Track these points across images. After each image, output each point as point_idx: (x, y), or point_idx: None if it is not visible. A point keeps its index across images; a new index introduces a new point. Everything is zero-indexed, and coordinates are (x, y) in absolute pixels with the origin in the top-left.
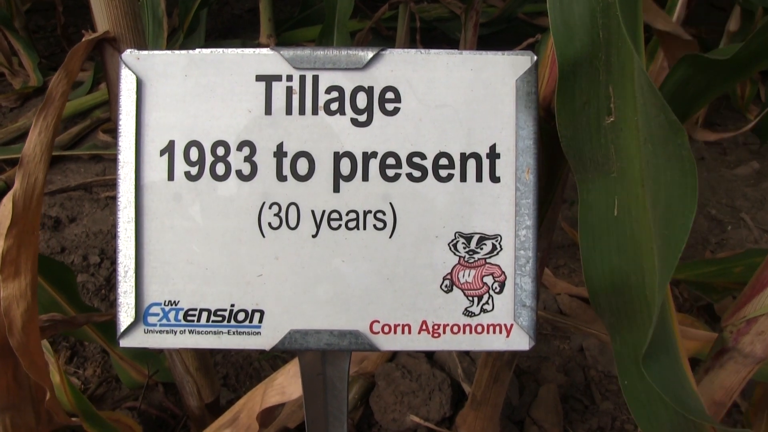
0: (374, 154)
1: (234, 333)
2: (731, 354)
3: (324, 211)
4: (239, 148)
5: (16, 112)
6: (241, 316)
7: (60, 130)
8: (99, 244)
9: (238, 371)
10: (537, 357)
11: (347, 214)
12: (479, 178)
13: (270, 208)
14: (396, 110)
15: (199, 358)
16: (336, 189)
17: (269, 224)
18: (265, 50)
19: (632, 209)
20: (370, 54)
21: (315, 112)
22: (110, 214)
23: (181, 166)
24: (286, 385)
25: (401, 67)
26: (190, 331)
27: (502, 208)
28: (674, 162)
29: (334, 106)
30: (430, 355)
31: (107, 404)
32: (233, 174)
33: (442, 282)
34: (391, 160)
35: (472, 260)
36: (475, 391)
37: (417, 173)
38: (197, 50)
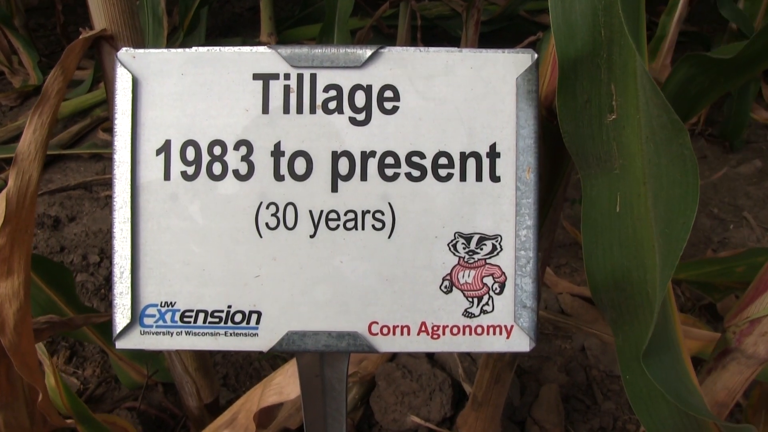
0: (373, 154)
1: (231, 334)
2: (734, 355)
3: (322, 211)
4: (236, 147)
5: (16, 111)
6: (238, 318)
7: (60, 129)
8: (98, 244)
9: (238, 371)
10: (538, 357)
11: (345, 214)
12: (479, 178)
13: (267, 208)
14: (395, 109)
15: (198, 359)
16: (334, 189)
17: (267, 224)
18: (262, 48)
19: (634, 206)
20: (368, 52)
21: (313, 111)
22: (110, 213)
23: (177, 165)
24: (284, 385)
25: (400, 65)
26: (187, 333)
27: (503, 208)
28: (676, 161)
29: (332, 104)
30: (430, 355)
31: (106, 404)
32: (230, 174)
33: (442, 283)
34: (389, 160)
35: (472, 261)
36: (476, 391)
37: (416, 173)
38: (193, 48)
